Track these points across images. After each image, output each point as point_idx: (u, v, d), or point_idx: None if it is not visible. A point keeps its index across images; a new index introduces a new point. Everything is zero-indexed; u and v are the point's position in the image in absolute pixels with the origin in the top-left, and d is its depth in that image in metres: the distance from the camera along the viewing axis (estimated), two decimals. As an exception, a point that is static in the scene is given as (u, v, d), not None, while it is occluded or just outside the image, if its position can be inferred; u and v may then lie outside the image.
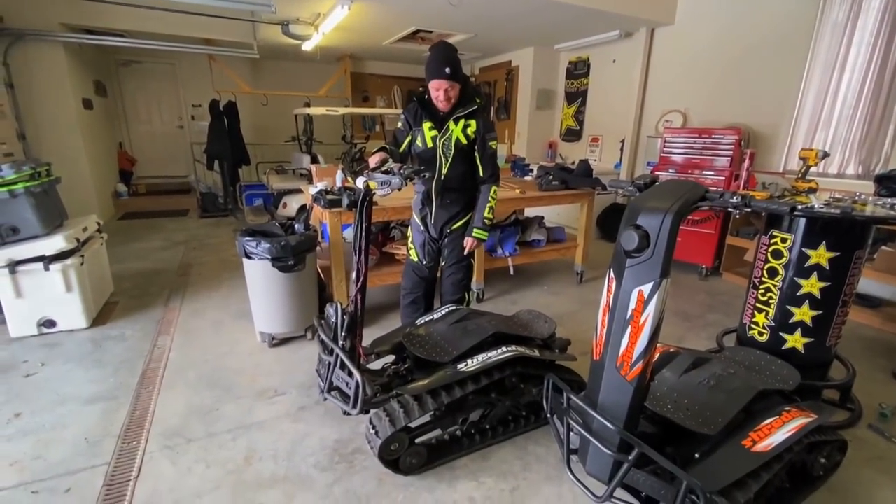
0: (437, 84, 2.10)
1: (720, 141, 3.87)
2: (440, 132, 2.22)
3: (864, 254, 1.97)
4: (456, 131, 2.21)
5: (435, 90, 2.12)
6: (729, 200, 1.15)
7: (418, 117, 2.25)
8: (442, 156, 2.25)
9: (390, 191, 1.60)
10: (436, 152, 2.25)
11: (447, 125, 2.21)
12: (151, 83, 7.09)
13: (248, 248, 2.44)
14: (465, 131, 2.22)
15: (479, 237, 2.33)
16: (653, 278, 1.18)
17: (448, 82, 2.09)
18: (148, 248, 4.76)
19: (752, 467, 1.34)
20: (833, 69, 3.59)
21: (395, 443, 1.65)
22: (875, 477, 1.80)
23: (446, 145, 2.23)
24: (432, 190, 2.32)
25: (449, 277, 2.51)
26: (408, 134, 2.29)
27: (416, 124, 2.26)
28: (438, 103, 2.16)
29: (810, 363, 2.09)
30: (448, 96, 2.12)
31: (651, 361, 1.26)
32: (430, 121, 2.22)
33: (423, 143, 2.25)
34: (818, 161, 2.26)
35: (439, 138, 2.22)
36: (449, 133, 2.21)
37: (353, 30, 5.29)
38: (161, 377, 2.40)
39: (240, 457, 1.84)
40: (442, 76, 2.07)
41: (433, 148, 2.25)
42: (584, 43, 5.56)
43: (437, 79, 2.09)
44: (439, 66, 2.07)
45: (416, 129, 2.26)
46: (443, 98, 2.12)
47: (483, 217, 2.31)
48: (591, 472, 1.42)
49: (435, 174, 2.27)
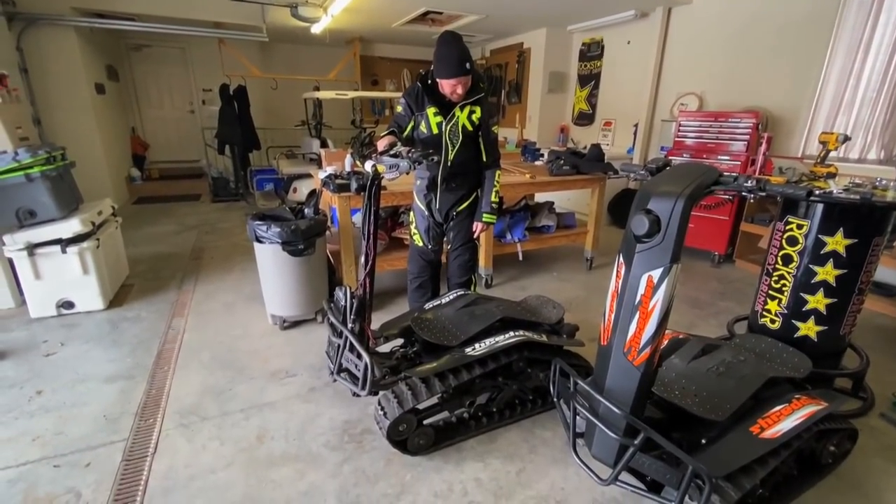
0: (455, 82, 2.07)
1: (737, 125, 3.77)
2: (445, 118, 2.19)
3: (882, 241, 1.93)
4: (462, 118, 2.20)
5: (451, 86, 2.09)
6: (743, 185, 1.12)
7: (420, 102, 2.21)
8: (448, 142, 2.23)
9: (398, 174, 1.59)
10: (441, 139, 2.22)
11: (453, 112, 2.18)
12: (162, 67, 7.10)
13: (258, 232, 2.46)
14: (471, 118, 2.21)
15: (488, 221, 2.35)
16: (663, 264, 1.16)
17: (465, 77, 2.07)
18: (161, 232, 4.83)
19: (760, 454, 1.34)
20: (857, 50, 3.46)
21: (403, 423, 1.68)
22: (885, 466, 1.79)
23: (453, 132, 2.21)
24: (438, 176, 2.30)
25: (456, 259, 2.51)
26: (410, 119, 2.25)
27: (418, 109, 2.22)
28: (453, 96, 2.13)
29: (823, 351, 2.07)
30: (462, 91, 2.11)
31: (659, 347, 1.26)
32: (434, 106, 2.19)
33: (428, 129, 2.22)
34: (838, 145, 2.20)
35: (445, 125, 2.20)
36: (455, 119, 2.19)
37: (362, 11, 5.22)
38: (176, 357, 2.46)
39: (252, 435, 1.88)
40: (461, 73, 2.04)
41: (439, 134, 2.22)
42: (598, 23, 5.42)
43: (455, 77, 2.05)
44: (458, 64, 2.02)
45: (419, 113, 2.22)
46: (460, 91, 2.10)
47: (490, 202, 2.32)
48: (597, 455, 1.43)
49: (441, 159, 2.25)
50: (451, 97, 2.14)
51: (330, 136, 6.79)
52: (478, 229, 2.36)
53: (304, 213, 2.79)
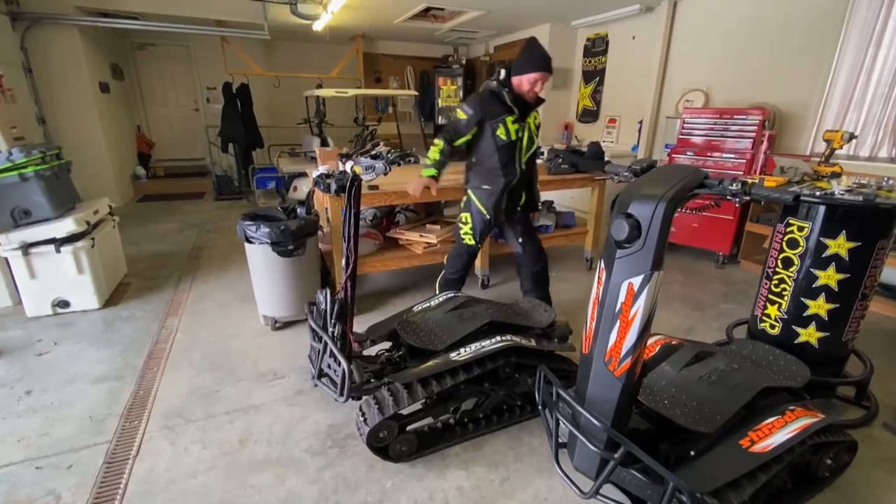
0: (541, 76, 2.20)
1: (742, 122, 3.67)
2: (521, 125, 2.31)
3: (888, 244, 1.84)
4: (531, 124, 2.38)
5: (533, 82, 2.21)
6: (728, 188, 1.06)
7: (495, 109, 2.27)
8: (522, 147, 2.37)
9: (375, 176, 1.55)
10: (517, 144, 2.34)
11: (527, 120, 2.34)
12: (167, 66, 7.13)
13: (248, 232, 2.44)
14: (535, 122, 2.42)
15: None
16: (643, 271, 1.11)
17: (548, 76, 2.23)
18: (163, 230, 4.86)
19: (749, 468, 1.28)
20: (868, 44, 3.34)
21: (384, 430, 1.64)
22: (886, 479, 1.71)
23: (529, 139, 2.38)
24: (514, 181, 2.40)
25: (526, 246, 2.61)
26: (472, 126, 2.30)
27: (491, 117, 2.28)
28: (531, 94, 2.24)
29: (824, 358, 1.99)
30: (541, 89, 2.25)
31: (640, 358, 1.20)
32: (511, 114, 2.28)
33: (507, 135, 2.30)
34: (844, 143, 2.11)
35: (520, 131, 2.32)
36: (526, 125, 2.34)
37: (362, 8, 5.18)
38: (166, 358, 2.45)
39: (235, 438, 1.86)
40: (548, 69, 2.20)
41: (515, 141, 2.32)
42: (602, 18, 5.32)
43: (542, 71, 2.19)
44: (546, 60, 2.20)
45: (494, 121, 2.28)
46: (539, 89, 2.23)
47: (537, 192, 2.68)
48: (579, 467, 1.38)
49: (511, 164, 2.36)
50: (527, 95, 2.25)
51: (332, 134, 6.77)
52: None
53: (298, 213, 2.77)
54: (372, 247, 3.10)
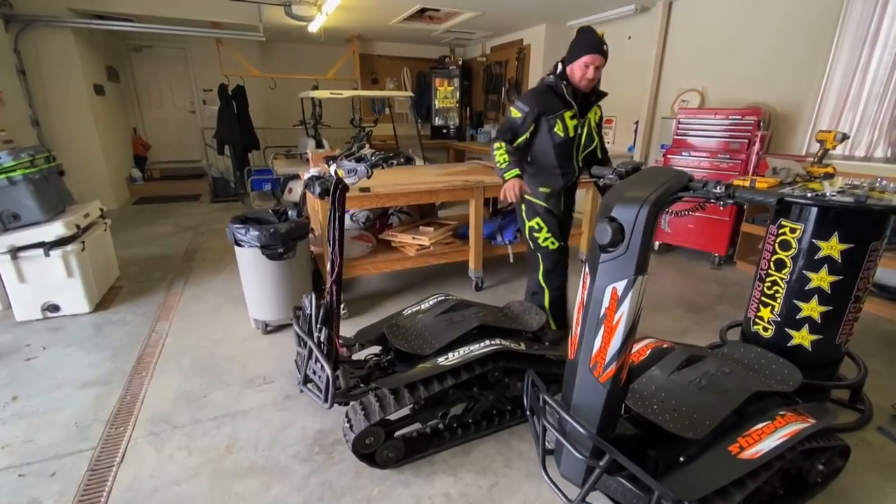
0: (592, 59, 2.06)
1: (737, 122, 3.65)
2: (580, 121, 2.21)
3: (880, 246, 1.82)
4: (592, 119, 2.26)
5: (585, 66, 2.08)
6: (712, 191, 1.04)
7: (551, 104, 2.16)
8: (580, 144, 2.27)
9: (357, 179, 1.53)
10: (574, 141, 2.23)
11: (587, 117, 2.23)
12: (163, 68, 7.12)
13: (237, 235, 2.42)
14: (595, 118, 2.29)
15: None
16: (627, 275, 1.09)
17: (602, 58, 2.08)
18: (158, 232, 4.84)
19: (737, 476, 1.26)
20: (864, 43, 3.31)
21: (370, 437, 1.62)
22: (880, 485, 1.69)
23: (588, 135, 2.27)
24: (573, 180, 2.34)
25: None
26: (530, 123, 2.19)
27: (548, 113, 2.16)
28: (583, 81, 2.11)
29: (818, 361, 1.97)
30: (595, 76, 2.10)
31: (626, 363, 1.18)
32: (569, 109, 2.17)
33: (565, 132, 2.19)
34: (837, 144, 2.09)
35: (579, 127, 2.21)
36: (586, 121, 2.23)
37: (356, 9, 5.16)
38: (155, 362, 2.43)
39: (222, 445, 1.84)
40: (600, 51, 2.05)
41: (573, 137, 2.22)
42: (598, 18, 5.29)
43: (593, 53, 2.05)
44: (598, 42, 2.06)
45: (551, 117, 2.16)
46: (591, 75, 2.08)
47: None
48: (565, 474, 1.36)
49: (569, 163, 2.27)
50: (580, 84, 2.12)
51: (329, 135, 6.76)
52: None
53: (289, 216, 2.75)
54: (364, 249, 3.08)
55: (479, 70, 7.78)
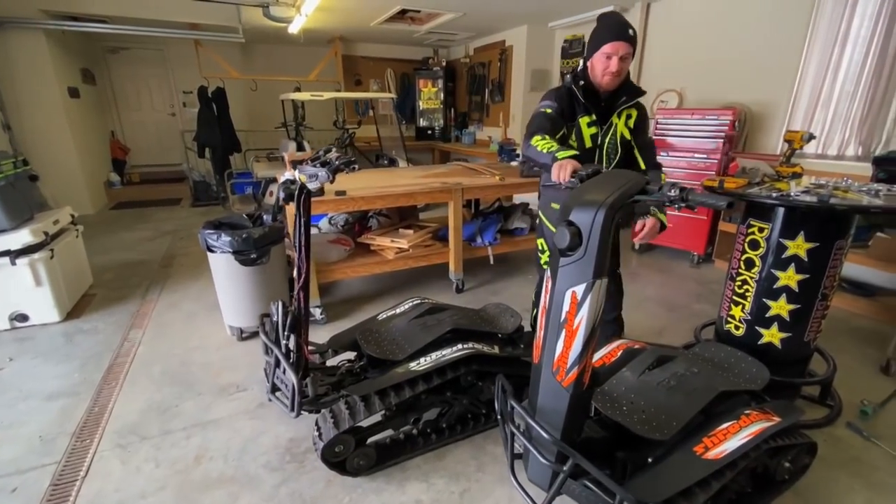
0: (614, 48, 1.67)
1: (713, 122, 3.69)
2: (601, 129, 1.83)
3: (846, 244, 1.85)
4: (620, 126, 1.84)
5: (606, 56, 1.70)
6: (667, 194, 1.04)
7: (570, 108, 1.82)
8: (605, 158, 1.89)
9: (319, 184, 1.51)
10: (595, 154, 1.86)
11: (610, 120, 1.82)
12: (141, 70, 6.99)
13: (209, 241, 2.38)
14: (628, 123, 1.86)
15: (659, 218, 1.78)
16: (586, 279, 1.09)
17: (628, 46, 1.68)
18: (135, 238, 4.75)
19: (701, 476, 1.26)
20: (834, 43, 3.38)
21: (340, 445, 1.60)
22: (848, 481, 1.71)
23: (611, 145, 1.86)
24: None
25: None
26: (561, 126, 1.82)
27: (570, 119, 1.83)
28: (605, 76, 1.73)
29: (788, 358, 2.00)
30: (620, 68, 1.71)
31: (588, 367, 1.18)
32: (587, 115, 1.81)
33: (580, 142, 1.84)
34: (804, 144, 2.12)
35: (601, 136, 1.84)
36: (613, 129, 1.83)
37: (336, 10, 5.13)
38: (126, 372, 2.38)
39: (191, 456, 1.81)
40: (624, 37, 1.67)
41: (593, 149, 1.86)
42: (579, 19, 5.33)
43: (615, 41, 1.66)
44: (620, 26, 1.68)
45: (569, 123, 1.83)
46: (614, 68, 1.70)
47: None
48: (533, 479, 1.35)
49: None
50: (602, 79, 1.74)
51: (313, 137, 6.70)
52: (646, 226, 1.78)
53: (264, 220, 2.71)
54: (342, 253, 3.05)
55: (462, 71, 7.78)
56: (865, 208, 1.69)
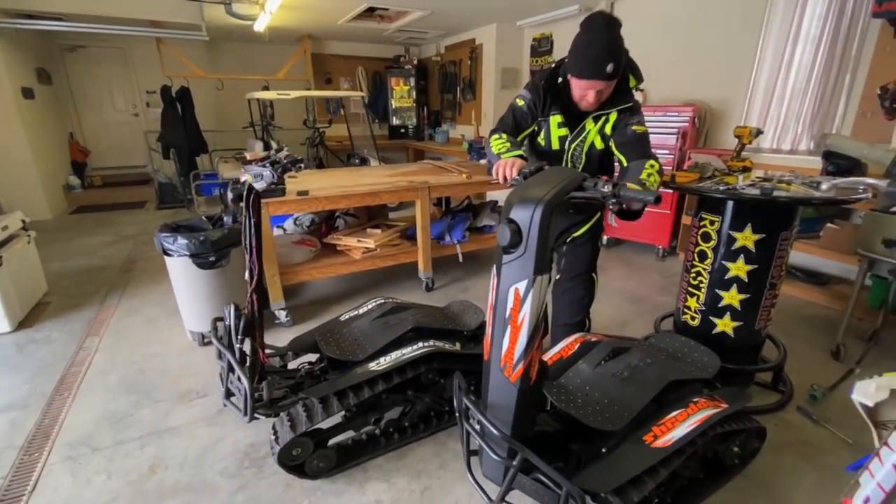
0: (591, 85, 1.52)
1: (674, 118, 3.78)
2: (572, 132, 1.72)
3: (790, 235, 1.92)
4: (592, 132, 1.70)
5: (582, 90, 1.56)
6: (601, 189, 1.06)
7: (544, 103, 1.70)
8: (569, 162, 1.78)
9: (265, 185, 1.49)
10: (562, 157, 1.77)
11: (583, 125, 1.70)
12: (101, 69, 6.75)
13: (165, 244, 2.32)
14: (603, 129, 1.70)
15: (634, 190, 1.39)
16: (527, 276, 1.10)
17: (605, 84, 1.52)
18: (95, 243, 4.59)
19: (649, 464, 1.29)
20: (787, 42, 3.50)
21: (298, 448, 1.58)
22: (796, 462, 1.78)
23: (577, 150, 1.74)
24: None
25: (564, 294, 1.97)
26: (532, 121, 1.74)
27: (542, 113, 1.72)
28: (582, 102, 1.61)
29: (741, 347, 2.07)
30: (600, 98, 1.58)
31: (534, 362, 1.19)
32: (560, 113, 1.69)
33: (548, 142, 1.75)
34: (752, 139, 2.19)
35: (570, 141, 1.73)
36: (584, 135, 1.71)
37: (302, 8, 5.05)
38: (80, 382, 2.30)
39: (145, 465, 1.76)
40: (601, 76, 1.48)
41: (559, 151, 1.76)
42: (545, 18, 5.38)
43: (592, 79, 1.50)
44: (597, 61, 1.46)
45: (542, 119, 1.73)
46: (590, 100, 1.57)
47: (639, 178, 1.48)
48: (487, 475, 1.36)
49: None
50: (580, 102, 1.62)
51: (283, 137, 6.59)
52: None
53: (224, 222, 2.65)
54: (308, 254, 3.01)
55: (434, 69, 7.77)
56: (806, 200, 1.76)
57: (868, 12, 3.01)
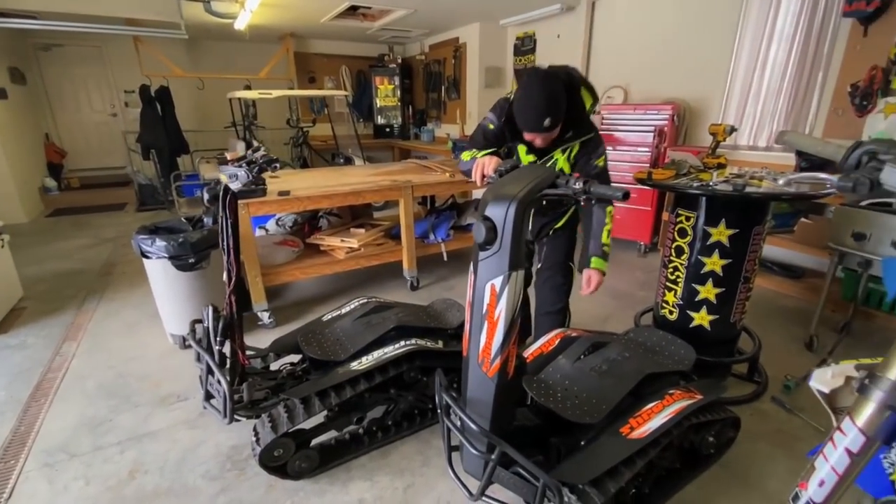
0: (533, 136, 1.64)
1: (654, 116, 3.84)
2: (540, 159, 1.81)
3: (763, 230, 1.97)
4: (561, 161, 1.77)
5: (529, 137, 1.67)
6: (572, 187, 1.09)
7: (510, 130, 1.76)
8: None
9: (240, 184, 1.48)
10: None
11: (551, 154, 1.78)
12: (77, 68, 6.60)
13: (143, 246, 2.28)
14: (570, 156, 1.78)
15: (598, 268, 1.77)
16: (502, 271, 1.11)
17: (545, 134, 1.62)
18: (73, 246, 4.49)
19: (625, 455, 1.32)
20: (762, 40, 3.58)
21: (279, 449, 1.58)
22: (770, 450, 1.83)
23: None
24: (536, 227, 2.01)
25: (546, 283, 2.05)
26: (503, 142, 1.81)
27: (510, 140, 1.79)
28: (534, 143, 1.70)
29: (717, 339, 2.12)
30: (550, 139, 1.67)
31: (511, 357, 1.21)
32: (524, 144, 1.76)
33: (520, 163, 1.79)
34: (726, 136, 2.24)
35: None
36: (552, 162, 1.79)
37: (284, 6, 5.00)
38: (57, 388, 2.26)
39: (124, 471, 1.74)
40: (538, 130, 1.58)
41: None
42: (528, 17, 5.41)
43: (532, 132, 1.61)
44: (535, 119, 1.54)
45: (511, 144, 1.82)
46: (540, 143, 1.68)
47: (602, 244, 1.73)
48: (468, 470, 1.38)
49: None
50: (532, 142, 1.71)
51: (265, 136, 6.53)
52: (591, 283, 1.77)
53: (204, 223, 2.62)
54: (290, 254, 2.99)
55: (418, 68, 7.76)
56: (776, 196, 1.81)
57: (839, 11, 3.09)
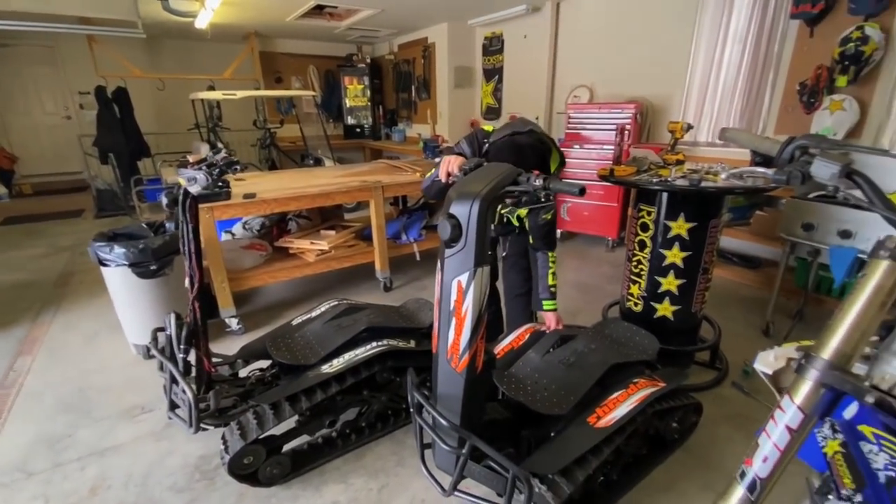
0: None
1: (618, 115, 3.95)
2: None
3: (719, 223, 2.06)
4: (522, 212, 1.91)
5: None
6: (533, 184, 1.12)
7: None
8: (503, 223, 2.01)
9: (199, 188, 1.45)
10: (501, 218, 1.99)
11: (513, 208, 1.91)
12: (27, 69, 6.28)
13: (100, 254, 2.20)
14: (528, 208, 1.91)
15: (551, 309, 1.92)
16: (468, 268, 1.13)
17: None
18: (25, 256, 4.27)
19: (592, 444, 1.36)
20: (717, 41, 3.73)
21: (249, 456, 1.55)
22: (730, 433, 1.91)
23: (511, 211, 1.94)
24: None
25: (513, 267, 2.16)
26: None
27: None
28: None
29: (680, 329, 2.20)
30: None
31: (479, 352, 1.23)
32: None
33: None
34: (683, 133, 2.32)
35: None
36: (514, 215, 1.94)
37: (246, 5, 4.90)
38: (11, 406, 2.14)
39: (85, 488, 1.67)
40: None
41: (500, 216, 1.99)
42: (495, 17, 5.46)
43: None
44: None
45: None
46: None
47: (548, 285, 1.91)
48: (440, 466, 1.39)
49: None
50: None
51: (231, 138, 6.37)
52: (551, 322, 1.91)
53: (166, 228, 2.54)
54: (258, 258, 2.93)
55: (388, 68, 7.72)
56: (729, 189, 1.90)
57: (787, 13, 3.25)
